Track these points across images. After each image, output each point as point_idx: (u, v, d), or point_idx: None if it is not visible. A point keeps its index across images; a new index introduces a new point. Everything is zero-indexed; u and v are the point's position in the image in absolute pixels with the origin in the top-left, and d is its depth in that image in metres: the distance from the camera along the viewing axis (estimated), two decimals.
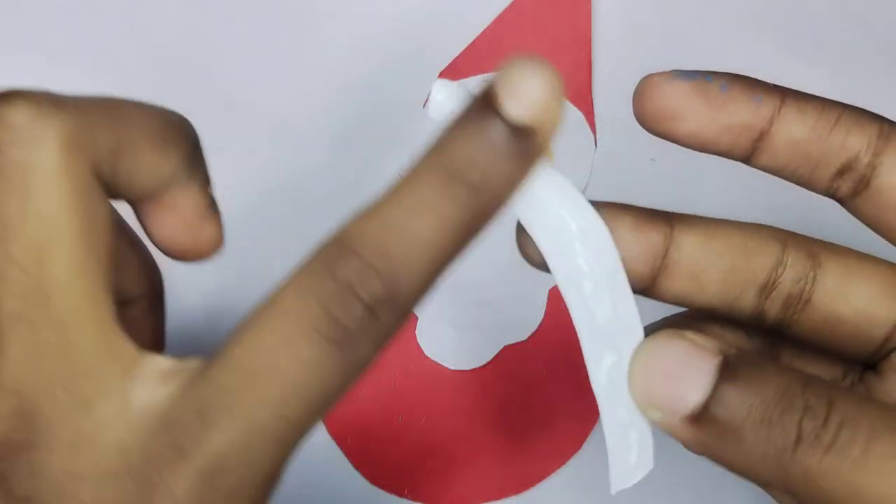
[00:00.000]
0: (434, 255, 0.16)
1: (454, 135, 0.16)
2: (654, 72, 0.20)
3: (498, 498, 0.33)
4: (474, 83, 0.19)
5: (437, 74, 0.35)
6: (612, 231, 0.19)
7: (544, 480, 0.33)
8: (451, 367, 0.33)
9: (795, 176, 0.21)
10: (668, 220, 0.20)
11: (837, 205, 0.21)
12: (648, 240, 0.20)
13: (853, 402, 0.17)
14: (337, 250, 0.16)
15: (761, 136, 0.20)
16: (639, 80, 0.21)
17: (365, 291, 0.15)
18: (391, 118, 0.35)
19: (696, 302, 0.21)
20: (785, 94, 0.20)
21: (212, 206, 0.19)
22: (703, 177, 0.34)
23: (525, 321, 0.33)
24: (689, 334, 0.18)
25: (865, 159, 0.20)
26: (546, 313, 0.33)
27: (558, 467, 0.33)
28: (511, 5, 0.35)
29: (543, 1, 0.35)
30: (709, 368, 0.17)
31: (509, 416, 0.33)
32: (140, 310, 0.21)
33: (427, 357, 0.33)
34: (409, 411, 0.33)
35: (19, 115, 0.16)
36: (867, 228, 0.21)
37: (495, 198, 0.16)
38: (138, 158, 0.17)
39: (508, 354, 0.33)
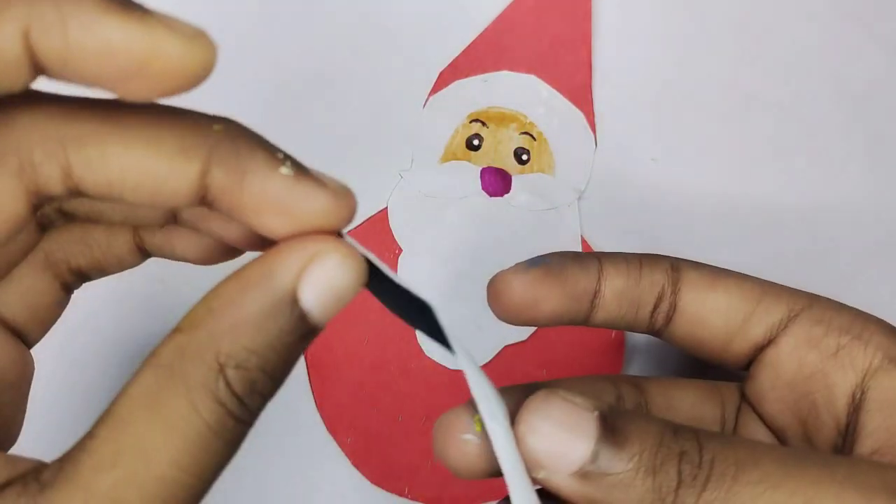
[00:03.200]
0: None
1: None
2: (502, 269, 0.23)
3: (498, 498, 0.33)
4: None
5: (437, 74, 0.35)
6: None
7: None
8: (451, 367, 0.33)
9: (625, 322, 0.24)
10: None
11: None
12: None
13: (718, 440, 0.18)
14: None
15: (595, 296, 0.23)
16: (638, 79, 0.21)
17: None
18: (391, 118, 0.35)
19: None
20: (600, 256, 0.24)
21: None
22: (703, 177, 0.34)
23: None
24: (563, 392, 0.19)
25: (669, 289, 0.24)
26: None
27: None
28: (511, 5, 0.35)
29: (543, 1, 0.35)
30: (588, 426, 0.18)
31: None
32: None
33: (427, 357, 0.33)
34: (409, 411, 0.33)
35: None
36: None
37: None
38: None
39: (508, 354, 0.33)
